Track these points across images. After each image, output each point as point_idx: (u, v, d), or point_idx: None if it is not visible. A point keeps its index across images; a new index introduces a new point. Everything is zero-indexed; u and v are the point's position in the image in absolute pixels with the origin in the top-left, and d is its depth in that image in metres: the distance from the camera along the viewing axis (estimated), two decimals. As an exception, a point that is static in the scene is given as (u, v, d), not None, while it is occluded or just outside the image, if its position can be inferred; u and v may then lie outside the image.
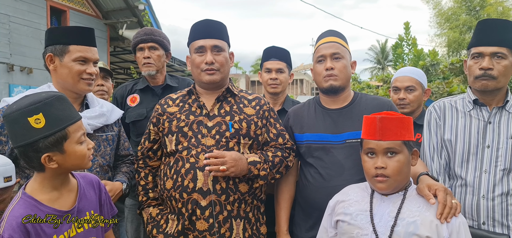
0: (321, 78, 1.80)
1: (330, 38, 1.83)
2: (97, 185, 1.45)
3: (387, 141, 1.39)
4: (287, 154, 1.81)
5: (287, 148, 1.82)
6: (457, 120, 1.77)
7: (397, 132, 1.40)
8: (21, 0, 7.39)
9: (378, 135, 1.40)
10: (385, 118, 1.41)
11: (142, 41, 2.47)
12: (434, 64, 9.33)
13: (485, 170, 1.67)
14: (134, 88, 2.55)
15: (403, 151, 1.41)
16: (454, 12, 17.33)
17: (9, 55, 7.24)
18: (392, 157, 1.40)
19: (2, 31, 7.09)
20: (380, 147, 1.41)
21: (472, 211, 1.68)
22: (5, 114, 1.22)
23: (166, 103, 1.84)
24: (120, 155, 1.99)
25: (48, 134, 1.20)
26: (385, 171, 1.40)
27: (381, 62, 35.62)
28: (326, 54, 1.79)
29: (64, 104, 1.26)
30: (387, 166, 1.40)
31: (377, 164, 1.41)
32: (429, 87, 6.75)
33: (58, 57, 1.69)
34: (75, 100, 1.77)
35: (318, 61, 1.82)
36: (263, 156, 1.74)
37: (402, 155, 1.40)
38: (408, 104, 2.33)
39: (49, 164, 1.22)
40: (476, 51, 1.69)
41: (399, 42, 15.11)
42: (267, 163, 1.72)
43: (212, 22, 1.79)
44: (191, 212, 1.64)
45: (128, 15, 9.05)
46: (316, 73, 1.84)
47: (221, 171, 1.60)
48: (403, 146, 1.41)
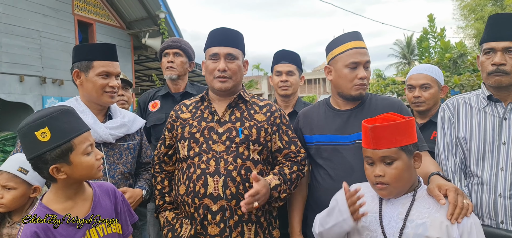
0: (351, 86, 1.75)
1: (361, 43, 1.78)
2: (113, 194, 1.51)
3: (381, 149, 1.36)
4: (302, 166, 1.82)
5: (302, 159, 1.83)
6: (472, 117, 1.73)
7: (391, 140, 1.35)
8: (50, 16, 7.76)
9: (372, 144, 1.37)
10: (377, 127, 1.36)
11: (168, 47, 2.62)
12: (462, 55, 8.99)
13: (502, 167, 1.62)
14: (156, 95, 2.69)
15: (401, 158, 1.36)
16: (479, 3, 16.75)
17: (41, 68, 7.62)
18: (390, 165, 1.38)
19: (34, 46, 7.48)
20: (376, 156, 1.38)
21: (490, 210, 1.64)
22: (18, 129, 1.30)
23: (180, 109, 1.89)
24: (142, 162, 2.08)
25: (54, 147, 1.25)
26: (384, 179, 1.38)
27: (407, 57, 34.70)
28: (361, 62, 1.73)
29: (70, 117, 1.31)
30: (385, 174, 1.37)
31: (375, 173, 1.39)
32: (459, 80, 6.53)
33: (83, 72, 1.81)
34: (99, 111, 1.89)
35: (349, 67, 1.74)
36: (282, 177, 1.74)
37: (400, 162, 1.36)
38: (424, 102, 2.28)
39: (58, 175, 1.29)
40: (488, 46, 1.65)
41: (424, 35, 14.67)
42: (286, 184, 1.73)
43: (228, 31, 1.82)
44: (202, 217, 1.68)
45: (150, 24, 9.30)
46: (345, 79, 1.75)
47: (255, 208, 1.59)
48: (400, 153, 1.36)
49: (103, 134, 1.80)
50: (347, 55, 1.75)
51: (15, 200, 1.67)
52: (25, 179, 1.68)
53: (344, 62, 1.76)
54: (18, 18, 7.18)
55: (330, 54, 1.85)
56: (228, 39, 1.78)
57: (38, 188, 1.73)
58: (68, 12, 8.12)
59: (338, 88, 1.81)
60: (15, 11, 7.14)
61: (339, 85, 1.80)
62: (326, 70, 1.88)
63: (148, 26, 9.30)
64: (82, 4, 8.44)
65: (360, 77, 1.73)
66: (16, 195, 1.66)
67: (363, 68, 1.74)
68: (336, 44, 1.82)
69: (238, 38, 1.82)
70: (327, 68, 1.87)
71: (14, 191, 1.66)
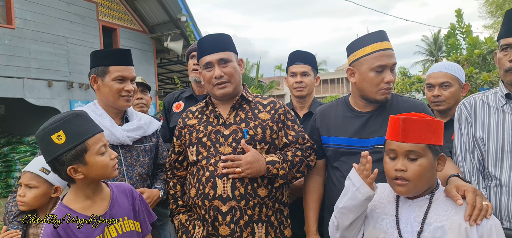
0: (377, 90, 1.68)
1: (388, 44, 1.69)
2: (130, 193, 1.56)
3: (409, 143, 1.32)
4: (307, 153, 1.82)
5: (307, 147, 1.83)
6: (489, 117, 1.66)
7: (421, 135, 1.32)
8: (76, 22, 8.05)
9: (401, 136, 1.33)
10: (409, 119, 1.33)
11: (195, 49, 2.62)
12: (491, 51, 8.63)
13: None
14: (181, 96, 2.75)
15: (426, 155, 1.33)
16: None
17: (69, 74, 7.91)
18: (413, 161, 1.34)
19: (61, 52, 7.77)
20: (401, 149, 1.34)
21: (509, 212, 1.58)
22: (36, 135, 1.37)
23: (187, 116, 1.93)
24: (159, 164, 2.12)
25: (69, 148, 1.31)
26: (405, 174, 1.34)
27: (434, 54, 33.74)
28: (388, 65, 1.66)
29: (83, 120, 1.37)
30: (408, 169, 1.34)
31: (397, 166, 1.35)
32: (489, 77, 6.29)
33: (100, 77, 1.87)
34: (116, 115, 1.94)
35: (375, 70, 1.66)
36: (282, 156, 1.76)
37: (425, 159, 1.33)
38: (444, 101, 2.20)
39: (76, 176, 1.35)
40: (505, 42, 1.59)
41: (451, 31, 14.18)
42: (286, 162, 1.74)
43: (215, 36, 1.83)
44: (213, 218, 1.71)
45: (172, 28, 9.49)
46: (371, 83, 1.68)
47: (237, 173, 1.66)
48: (427, 150, 1.33)
49: (120, 136, 1.85)
50: (373, 57, 1.67)
51: (37, 198, 1.74)
52: (47, 179, 1.75)
53: (369, 65, 1.67)
54: (46, 25, 7.49)
55: (353, 55, 1.75)
56: (217, 44, 1.79)
57: (59, 188, 1.79)
58: (93, 18, 8.40)
59: (362, 92, 1.74)
60: (43, 18, 7.45)
61: (363, 89, 1.72)
62: (349, 72, 1.78)
63: (170, 29, 9.49)
64: (106, 10, 8.70)
65: (387, 81, 1.66)
66: (37, 194, 1.74)
67: (389, 71, 1.67)
68: (360, 45, 1.72)
69: (226, 41, 1.83)
70: (350, 70, 1.77)
71: (35, 190, 1.73)
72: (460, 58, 8.71)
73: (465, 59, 8.63)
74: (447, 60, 14.33)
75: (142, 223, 1.58)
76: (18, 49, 7.03)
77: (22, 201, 1.73)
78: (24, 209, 1.75)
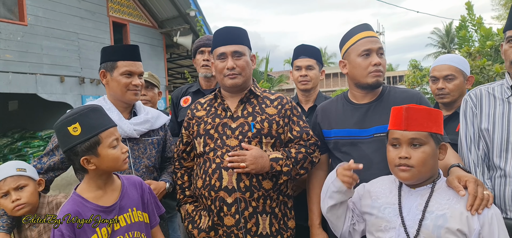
0: (366, 73, 1.76)
1: (372, 33, 1.80)
2: (140, 186, 1.62)
3: (412, 131, 1.38)
4: (311, 150, 1.84)
5: (311, 143, 1.85)
6: (495, 108, 1.67)
7: (423, 123, 1.38)
8: (87, 18, 8.15)
9: (404, 125, 1.39)
10: (411, 107, 1.39)
11: (204, 45, 2.66)
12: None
13: None
14: (188, 91, 2.78)
15: (429, 143, 1.38)
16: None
17: (80, 69, 8.03)
18: (417, 148, 1.38)
19: (73, 47, 7.89)
20: (405, 137, 1.39)
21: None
22: (54, 126, 1.45)
23: (195, 107, 1.97)
24: (167, 157, 2.17)
25: (84, 140, 1.39)
26: (409, 161, 1.38)
27: (446, 46, 33.20)
28: (373, 49, 1.75)
29: (98, 114, 1.45)
30: (411, 157, 1.38)
31: (401, 154, 1.39)
32: (501, 68, 6.18)
33: (109, 72, 1.92)
34: (125, 109, 1.99)
35: (362, 55, 1.76)
36: (285, 153, 1.79)
37: (427, 147, 1.38)
38: (448, 94, 2.21)
39: (88, 166, 1.42)
40: (511, 34, 1.59)
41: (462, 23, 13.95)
42: (289, 159, 1.77)
43: (232, 29, 1.88)
44: (218, 209, 1.74)
45: (181, 23, 9.53)
46: (360, 67, 1.77)
47: (241, 168, 1.70)
48: (429, 138, 1.38)
49: (127, 129, 1.89)
50: (359, 44, 1.78)
51: (33, 194, 1.74)
52: (28, 175, 1.75)
53: (356, 52, 1.78)
54: (57, 21, 7.61)
55: (343, 49, 1.88)
56: (233, 37, 1.84)
57: (41, 180, 1.81)
58: (103, 14, 8.50)
59: (354, 79, 1.82)
60: (55, 15, 7.56)
61: (355, 76, 1.81)
62: (341, 65, 1.90)
63: (179, 24, 9.54)
64: (116, 5, 8.79)
65: (374, 64, 1.74)
66: (31, 190, 1.74)
67: (376, 55, 1.75)
68: (347, 38, 1.85)
69: (242, 35, 1.87)
70: (342, 62, 1.89)
71: (27, 187, 1.73)
72: (472, 50, 8.58)
73: (477, 51, 8.49)
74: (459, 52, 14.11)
75: (150, 215, 1.63)
76: (31, 45, 7.16)
77: (21, 204, 1.70)
78: (25, 210, 1.72)
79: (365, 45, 1.76)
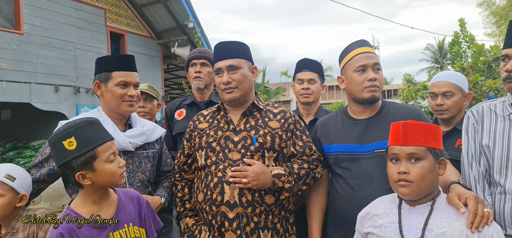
0: (362, 89, 1.77)
1: (368, 48, 1.82)
2: (137, 200, 1.57)
3: (410, 146, 1.39)
4: (314, 166, 1.83)
5: (314, 159, 1.84)
6: (496, 125, 1.68)
7: (420, 138, 1.39)
8: (84, 28, 8.15)
9: (401, 140, 1.40)
10: (408, 123, 1.41)
11: (195, 57, 2.68)
12: (497, 58, 8.59)
13: None
14: (182, 104, 2.77)
15: (427, 158, 1.39)
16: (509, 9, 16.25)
17: (76, 79, 7.99)
18: (415, 163, 1.39)
19: (69, 57, 7.86)
20: (403, 152, 1.40)
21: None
22: (48, 140, 1.40)
23: (198, 119, 1.95)
24: (163, 171, 2.13)
25: (79, 155, 1.34)
26: (408, 176, 1.38)
27: (439, 61, 33.62)
28: (369, 64, 1.77)
29: (95, 127, 1.41)
30: (410, 171, 1.38)
31: (400, 169, 1.39)
32: (494, 84, 6.25)
33: (103, 83, 1.88)
34: (120, 121, 1.95)
35: (357, 70, 1.78)
36: (288, 169, 1.77)
37: (426, 162, 1.38)
38: (447, 110, 2.24)
39: (84, 181, 1.38)
40: (504, 53, 1.63)
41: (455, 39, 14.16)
42: (292, 176, 1.76)
43: (228, 43, 1.88)
44: (220, 224, 1.72)
45: (179, 34, 9.56)
46: (355, 83, 1.79)
47: (243, 184, 1.68)
48: (427, 153, 1.39)
49: (122, 142, 1.85)
50: (355, 60, 1.80)
51: (3, 207, 1.65)
52: (13, 186, 1.67)
53: (352, 67, 1.80)
54: (54, 30, 7.58)
55: (341, 65, 1.90)
56: (228, 51, 1.84)
57: (25, 196, 1.71)
58: (101, 24, 8.49)
59: (351, 94, 1.84)
60: (51, 24, 7.55)
61: (351, 91, 1.83)
62: (339, 80, 1.93)
63: (177, 35, 9.56)
64: (114, 16, 8.80)
65: (370, 79, 1.75)
66: (3, 202, 1.65)
67: (371, 70, 1.77)
68: (344, 54, 1.88)
69: (238, 48, 1.87)
70: (340, 78, 1.92)
71: (1, 199, 1.64)
72: (465, 66, 8.67)
73: (470, 67, 8.59)
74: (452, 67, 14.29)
75: (148, 230, 1.59)
76: (26, 54, 7.12)
77: None
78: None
79: (360, 60, 1.78)
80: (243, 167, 1.71)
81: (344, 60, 1.87)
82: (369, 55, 1.79)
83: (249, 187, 1.69)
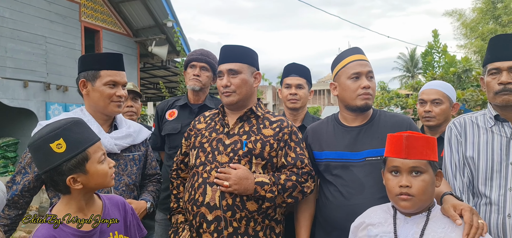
0: (355, 96, 1.77)
1: (362, 56, 1.83)
2: (123, 207, 1.49)
3: (413, 159, 1.38)
4: (303, 179, 1.78)
5: (304, 172, 1.79)
6: (479, 137, 1.73)
7: (423, 151, 1.39)
8: (57, 22, 7.81)
9: (404, 153, 1.39)
10: (411, 136, 1.39)
11: (196, 59, 2.60)
12: (466, 70, 8.98)
13: (510, 187, 1.61)
14: (175, 104, 2.69)
15: (428, 171, 1.39)
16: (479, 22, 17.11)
17: (46, 75, 7.64)
18: (417, 176, 1.38)
19: (39, 51, 7.51)
20: (405, 166, 1.39)
21: (498, 230, 1.63)
22: (29, 144, 1.29)
23: (198, 119, 1.98)
24: (148, 174, 2.05)
25: (70, 157, 1.25)
26: (410, 190, 1.38)
27: (411, 70, 34.82)
28: (363, 72, 1.77)
29: (82, 127, 1.32)
30: (412, 185, 1.38)
31: (402, 183, 1.39)
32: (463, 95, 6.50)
33: (90, 82, 1.79)
34: (105, 121, 1.86)
35: (351, 78, 1.78)
36: (273, 178, 1.73)
37: (427, 175, 1.39)
38: (434, 117, 2.31)
39: (75, 185, 1.28)
40: (493, 66, 1.66)
41: (429, 49, 14.74)
42: (276, 186, 1.72)
43: (231, 47, 1.88)
44: (198, 225, 1.72)
45: (157, 33, 9.35)
46: (349, 90, 1.78)
47: (224, 187, 1.67)
48: (428, 166, 1.39)
49: (108, 144, 1.77)
50: (349, 67, 1.80)
51: None
52: None
53: (346, 75, 1.80)
54: (24, 23, 7.22)
55: (334, 71, 1.90)
56: (230, 55, 1.84)
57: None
58: (75, 19, 8.17)
59: (344, 101, 1.83)
60: (22, 16, 7.18)
61: (344, 98, 1.82)
62: (332, 87, 1.91)
63: (155, 34, 9.35)
64: (89, 11, 8.50)
65: (363, 87, 1.75)
66: None
67: (365, 78, 1.77)
68: (338, 61, 1.88)
69: (241, 53, 1.86)
70: (332, 84, 1.91)
71: None
72: (436, 76, 9.01)
73: (441, 77, 8.93)
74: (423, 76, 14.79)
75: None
76: (-6, 47, 6.74)
77: None
78: None
79: (354, 68, 1.78)
80: (227, 170, 1.70)
81: (337, 66, 1.87)
82: (363, 63, 1.80)
83: (230, 190, 1.67)
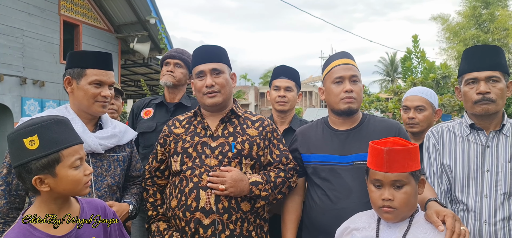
0: (339, 100, 1.79)
1: (347, 60, 1.84)
2: (103, 212, 1.42)
3: (394, 173, 1.38)
4: (290, 175, 1.83)
5: (290, 168, 1.84)
6: (456, 145, 1.77)
7: (404, 164, 1.38)
8: (35, 15, 7.56)
9: (385, 167, 1.39)
10: (392, 150, 1.38)
11: (170, 57, 2.62)
12: (445, 76, 9.25)
13: (486, 194, 1.66)
14: (151, 103, 2.67)
15: (410, 183, 1.40)
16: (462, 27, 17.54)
17: (22, 69, 7.38)
18: (399, 189, 1.39)
19: (16, 45, 7.25)
20: (387, 179, 1.40)
21: (475, 236, 1.68)
22: (7, 135, 1.24)
23: (173, 124, 1.91)
24: (132, 176, 2.01)
25: (40, 156, 1.19)
26: (392, 203, 1.39)
27: (390, 75, 35.54)
28: (345, 76, 1.79)
29: (63, 127, 1.26)
30: (395, 198, 1.39)
31: (384, 196, 1.40)
32: (441, 100, 6.66)
33: (75, 80, 1.74)
34: (89, 121, 1.81)
35: (335, 82, 1.81)
36: (265, 177, 1.77)
37: (409, 187, 1.40)
38: (418, 124, 2.35)
39: (41, 187, 1.22)
40: (471, 76, 1.70)
41: (408, 55, 15.09)
42: (268, 184, 1.75)
43: (210, 47, 1.86)
44: (194, 231, 1.68)
45: (139, 29, 9.18)
46: (333, 94, 1.81)
47: (220, 190, 1.66)
48: (410, 177, 1.40)
49: (92, 143, 1.72)
50: (333, 72, 1.83)
51: None
52: None
53: (331, 79, 1.83)
54: (0, 15, 6.96)
55: (322, 76, 1.93)
56: (211, 55, 1.83)
57: None
58: (54, 12, 7.94)
59: (330, 105, 1.86)
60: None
61: (330, 102, 1.85)
62: (320, 91, 1.95)
63: (137, 31, 9.18)
64: (69, 4, 8.27)
65: (346, 90, 1.77)
66: None
67: (348, 82, 1.79)
68: (325, 65, 1.91)
69: (221, 53, 1.86)
70: (321, 89, 1.95)
71: None
72: (417, 81, 9.23)
73: (420, 82, 9.14)
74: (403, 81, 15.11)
75: None
76: (-33, 39, 6.47)
77: None
78: None
79: (338, 72, 1.81)
80: (221, 173, 1.69)
81: (324, 71, 1.90)
82: (347, 66, 1.81)
83: (227, 194, 1.67)
